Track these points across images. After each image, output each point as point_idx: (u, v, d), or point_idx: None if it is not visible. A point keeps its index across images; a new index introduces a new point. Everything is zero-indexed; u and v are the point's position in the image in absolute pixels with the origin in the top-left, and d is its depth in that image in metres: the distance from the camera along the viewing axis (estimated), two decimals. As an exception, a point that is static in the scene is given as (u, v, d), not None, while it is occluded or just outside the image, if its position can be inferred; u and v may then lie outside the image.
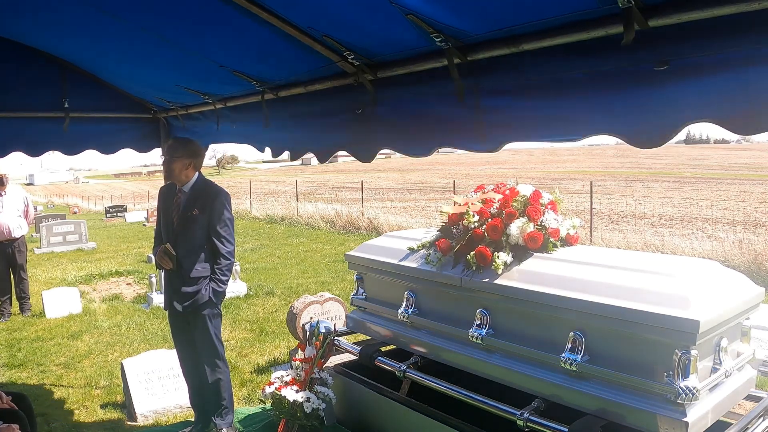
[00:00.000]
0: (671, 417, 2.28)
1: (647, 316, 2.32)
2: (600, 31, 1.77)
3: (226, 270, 3.61)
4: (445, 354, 3.24)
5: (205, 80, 3.54)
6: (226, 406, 3.77)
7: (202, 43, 3.00)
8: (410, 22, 2.10)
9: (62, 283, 10.01)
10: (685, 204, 19.89)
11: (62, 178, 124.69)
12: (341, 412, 3.85)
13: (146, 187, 42.27)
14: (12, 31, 3.53)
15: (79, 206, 38.71)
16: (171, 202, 3.64)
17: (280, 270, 10.84)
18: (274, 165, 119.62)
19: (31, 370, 5.57)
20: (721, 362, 2.49)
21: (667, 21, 1.63)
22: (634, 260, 2.76)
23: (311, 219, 18.43)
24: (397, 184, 40.76)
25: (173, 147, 3.60)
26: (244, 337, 6.45)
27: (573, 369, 2.57)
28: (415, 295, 3.43)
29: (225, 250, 3.59)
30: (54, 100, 4.06)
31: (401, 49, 2.39)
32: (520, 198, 3.09)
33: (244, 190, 29.59)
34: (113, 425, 4.31)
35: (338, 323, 4.92)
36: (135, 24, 2.86)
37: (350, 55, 2.53)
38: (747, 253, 9.02)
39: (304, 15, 2.38)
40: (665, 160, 62.62)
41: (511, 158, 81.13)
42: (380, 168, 72.12)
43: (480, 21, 2.04)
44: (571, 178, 39.16)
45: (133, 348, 6.10)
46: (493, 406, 2.82)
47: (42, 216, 19.62)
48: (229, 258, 3.62)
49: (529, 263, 2.92)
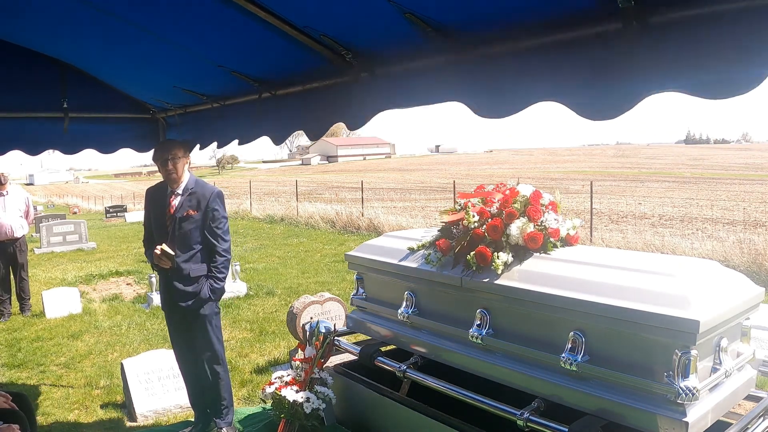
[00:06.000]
0: (671, 417, 2.28)
1: (647, 316, 2.32)
2: (598, 28, 1.77)
3: (222, 267, 3.62)
4: (445, 354, 3.25)
5: (203, 80, 3.54)
6: (226, 406, 3.77)
7: (200, 43, 3.00)
8: (408, 21, 2.10)
9: (62, 283, 10.01)
10: (685, 204, 19.89)
11: (62, 178, 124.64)
12: (341, 412, 3.85)
13: (146, 187, 42.23)
14: (11, 33, 3.53)
15: (79, 206, 38.71)
16: (163, 203, 3.63)
17: (280, 270, 10.83)
18: (274, 165, 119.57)
19: (31, 370, 5.57)
20: (721, 362, 2.49)
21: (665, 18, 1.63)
22: (634, 260, 2.76)
23: (311, 219, 18.42)
24: (397, 184, 40.76)
25: (172, 148, 3.58)
26: (244, 337, 6.45)
27: (573, 369, 2.57)
28: (415, 295, 3.43)
29: (221, 248, 3.60)
30: (53, 100, 4.06)
31: (399, 47, 2.39)
32: (520, 198, 3.09)
33: (244, 190, 29.59)
34: (113, 425, 4.31)
35: (338, 323, 4.92)
36: (133, 24, 2.85)
37: (348, 54, 2.53)
38: (747, 253, 9.02)
39: (302, 14, 2.39)
40: (665, 160, 62.66)
41: (511, 158, 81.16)
42: (380, 168, 72.14)
43: (478, 18, 2.04)
44: (571, 178, 39.16)
45: (133, 348, 6.10)
46: (493, 406, 2.82)
47: (42, 216, 19.62)
48: (225, 255, 3.63)
49: (529, 263, 2.92)
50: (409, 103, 2.46)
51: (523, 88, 2.00)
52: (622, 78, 1.74)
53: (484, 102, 2.12)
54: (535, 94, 1.97)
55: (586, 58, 1.82)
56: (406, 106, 2.48)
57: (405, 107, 2.49)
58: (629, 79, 1.72)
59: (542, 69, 1.95)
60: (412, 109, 2.73)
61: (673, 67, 1.62)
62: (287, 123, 3.20)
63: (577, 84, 1.85)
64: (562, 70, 1.90)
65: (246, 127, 3.54)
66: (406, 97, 2.46)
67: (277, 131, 3.28)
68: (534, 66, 1.97)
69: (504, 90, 2.06)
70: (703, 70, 1.57)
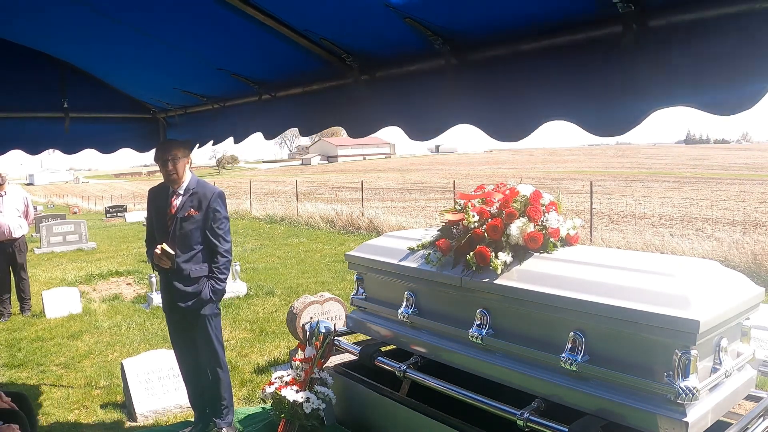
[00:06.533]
0: (671, 417, 2.28)
1: (647, 316, 2.32)
2: (597, 32, 1.77)
3: (224, 268, 3.63)
4: (445, 354, 3.25)
5: (204, 82, 3.54)
6: (226, 406, 3.77)
7: (200, 46, 3.00)
8: (408, 26, 2.10)
9: (62, 283, 10.00)
10: (685, 204, 19.89)
11: (62, 178, 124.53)
12: (341, 412, 3.85)
13: (146, 187, 42.17)
14: (11, 33, 3.53)
15: (79, 206, 38.67)
16: (165, 203, 3.63)
17: (280, 270, 10.83)
18: (274, 165, 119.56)
19: (31, 370, 5.57)
20: (721, 362, 2.49)
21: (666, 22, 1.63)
22: (634, 260, 2.76)
23: (311, 219, 18.42)
24: (397, 184, 40.74)
25: (174, 148, 3.57)
26: (244, 337, 6.45)
27: (573, 369, 2.57)
28: (415, 295, 3.43)
29: (222, 249, 3.60)
30: (54, 100, 4.06)
31: (399, 51, 2.39)
32: (521, 198, 3.09)
33: (244, 190, 29.58)
34: (113, 425, 4.31)
35: (338, 323, 4.92)
36: (134, 27, 2.85)
37: (348, 57, 2.54)
38: (747, 253, 9.02)
39: (302, 18, 2.39)
40: (665, 160, 62.65)
41: (511, 158, 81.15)
42: (380, 168, 72.12)
43: (478, 23, 2.04)
44: (571, 178, 39.15)
45: (133, 348, 6.10)
46: (493, 406, 2.83)
47: (42, 216, 19.60)
48: (227, 256, 3.63)
49: (529, 263, 2.92)
50: (422, 135, 2.39)
51: (532, 106, 1.99)
52: (625, 95, 1.73)
53: (496, 123, 2.12)
54: (543, 113, 1.95)
55: (594, 71, 1.82)
56: (413, 129, 2.44)
57: (414, 136, 2.43)
58: (633, 94, 1.72)
59: (547, 86, 1.94)
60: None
61: (677, 81, 1.62)
62: (281, 122, 3.20)
63: (583, 97, 1.85)
64: (563, 78, 1.90)
65: (240, 125, 3.54)
66: (412, 120, 2.44)
67: (270, 128, 3.28)
68: (538, 79, 1.97)
69: (516, 111, 2.04)
70: (708, 84, 1.56)
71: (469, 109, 2.20)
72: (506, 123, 2.07)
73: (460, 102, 2.22)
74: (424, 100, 2.38)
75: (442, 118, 2.29)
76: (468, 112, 2.20)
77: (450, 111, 2.26)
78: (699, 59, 1.57)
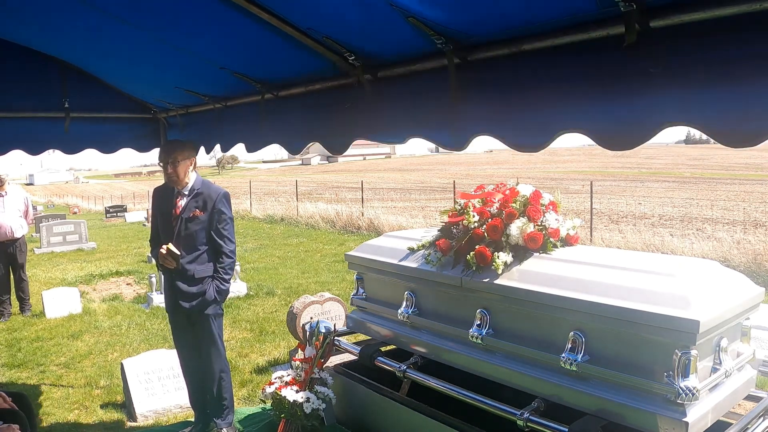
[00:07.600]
0: (671, 417, 2.28)
1: (647, 316, 2.32)
2: (601, 32, 1.77)
3: (228, 269, 3.63)
4: (445, 354, 3.25)
5: (205, 82, 3.54)
6: (227, 407, 3.77)
7: (202, 45, 3.00)
8: (411, 25, 2.10)
9: (62, 283, 10.00)
10: (685, 204, 19.88)
11: (62, 178, 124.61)
12: (341, 412, 3.85)
13: (146, 187, 42.26)
14: (12, 33, 3.53)
15: (79, 206, 38.67)
16: (170, 204, 3.62)
17: (280, 270, 10.84)
18: (274, 165, 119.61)
19: (31, 370, 5.57)
20: (721, 362, 2.49)
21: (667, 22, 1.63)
22: (634, 260, 2.76)
23: (311, 219, 18.42)
24: (397, 184, 40.75)
25: (176, 149, 3.56)
26: (244, 337, 6.45)
27: (573, 369, 2.57)
28: (415, 295, 3.43)
29: (227, 249, 3.60)
30: (54, 100, 4.06)
31: (402, 51, 2.39)
32: (520, 198, 3.09)
33: (244, 190, 29.57)
34: (113, 425, 4.31)
35: (338, 323, 4.92)
36: (135, 26, 2.85)
37: (351, 56, 2.53)
38: (747, 253, 9.02)
39: (305, 16, 2.38)
40: (665, 160, 62.63)
41: (511, 158, 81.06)
42: (380, 168, 72.14)
43: (480, 23, 2.04)
44: (571, 178, 39.15)
45: (133, 348, 6.10)
46: (493, 406, 2.83)
47: (42, 216, 19.60)
48: (231, 256, 3.64)
49: (529, 263, 2.92)
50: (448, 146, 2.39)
51: (542, 115, 1.99)
52: (635, 106, 1.74)
53: (510, 133, 2.12)
54: (558, 122, 1.95)
55: (599, 76, 1.82)
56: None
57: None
58: (646, 108, 1.73)
59: (558, 93, 1.95)
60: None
61: (686, 98, 1.64)
62: (298, 131, 3.18)
63: (592, 106, 1.86)
64: (571, 82, 1.90)
65: (252, 133, 3.52)
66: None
67: (288, 138, 3.25)
68: (549, 85, 1.97)
69: (531, 120, 2.04)
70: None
71: (480, 119, 2.20)
72: (520, 135, 2.08)
73: (467, 113, 2.23)
74: (431, 112, 2.38)
75: (458, 131, 2.29)
76: (480, 122, 2.20)
77: (465, 119, 2.25)
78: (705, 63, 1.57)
